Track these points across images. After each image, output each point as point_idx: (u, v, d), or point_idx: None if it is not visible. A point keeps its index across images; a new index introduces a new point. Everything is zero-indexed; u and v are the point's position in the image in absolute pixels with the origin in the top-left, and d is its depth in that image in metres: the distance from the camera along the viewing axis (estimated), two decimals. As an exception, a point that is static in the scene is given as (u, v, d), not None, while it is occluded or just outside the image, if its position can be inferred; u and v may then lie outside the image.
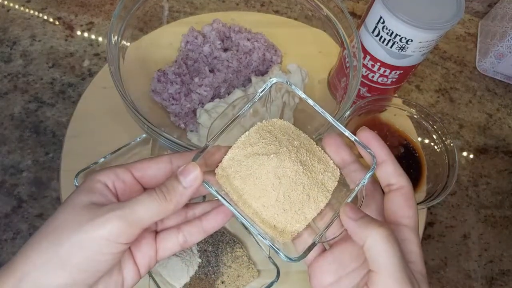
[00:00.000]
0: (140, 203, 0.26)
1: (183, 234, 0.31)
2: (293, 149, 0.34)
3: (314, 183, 0.33)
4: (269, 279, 0.43)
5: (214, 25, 0.60)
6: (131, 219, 0.25)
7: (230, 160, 0.33)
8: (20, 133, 0.58)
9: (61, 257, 0.24)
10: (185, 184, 0.27)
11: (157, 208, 0.26)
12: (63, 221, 0.25)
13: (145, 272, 0.30)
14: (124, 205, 0.25)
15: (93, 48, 0.67)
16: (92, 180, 0.28)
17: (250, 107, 0.34)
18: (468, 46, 0.78)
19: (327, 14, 0.53)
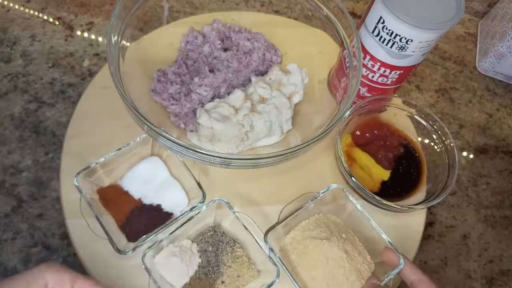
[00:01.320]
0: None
1: None
2: (341, 239, 0.45)
3: (353, 269, 0.43)
4: (269, 279, 0.43)
5: (214, 25, 0.60)
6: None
7: (291, 239, 0.46)
8: (20, 133, 0.58)
9: None
10: None
11: None
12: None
13: None
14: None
15: (93, 48, 0.67)
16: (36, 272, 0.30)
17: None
18: (468, 46, 0.78)
19: (327, 14, 0.53)
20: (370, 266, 0.45)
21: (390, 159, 0.51)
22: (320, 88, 0.60)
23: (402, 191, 0.51)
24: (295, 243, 0.45)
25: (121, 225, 0.47)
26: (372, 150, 0.52)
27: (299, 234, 0.46)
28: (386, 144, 0.53)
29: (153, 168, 0.52)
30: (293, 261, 0.44)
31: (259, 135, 0.53)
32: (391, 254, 0.42)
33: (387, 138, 0.53)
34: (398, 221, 0.53)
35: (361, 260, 0.44)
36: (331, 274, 0.43)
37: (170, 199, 0.50)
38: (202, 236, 0.48)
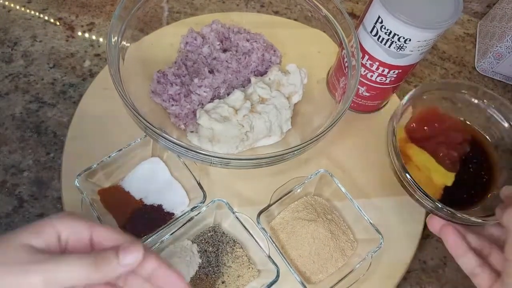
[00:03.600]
0: (65, 262, 0.25)
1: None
2: (326, 220, 0.48)
3: (337, 247, 0.47)
4: (269, 279, 0.44)
5: (213, 26, 0.60)
6: (50, 278, 0.25)
7: (281, 219, 0.49)
8: (21, 133, 0.59)
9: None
10: (122, 261, 0.26)
11: (82, 274, 0.25)
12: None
13: None
14: (49, 260, 0.25)
15: (94, 48, 0.67)
16: (45, 221, 0.28)
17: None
18: (467, 47, 0.78)
19: (326, 14, 0.53)
20: (353, 244, 0.49)
21: (454, 158, 0.42)
22: (319, 88, 0.60)
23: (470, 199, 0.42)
24: (284, 223, 0.49)
25: (122, 226, 0.47)
26: (431, 147, 0.42)
27: (288, 215, 0.50)
28: (449, 140, 0.43)
29: (154, 168, 0.52)
30: (282, 240, 0.48)
31: (259, 135, 0.53)
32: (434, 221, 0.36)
33: (450, 133, 0.44)
34: (397, 220, 0.53)
35: (344, 239, 0.48)
36: (317, 252, 0.47)
37: (171, 200, 0.50)
38: (202, 236, 0.48)
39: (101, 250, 0.27)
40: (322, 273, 0.47)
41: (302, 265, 0.47)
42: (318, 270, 0.47)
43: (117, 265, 0.26)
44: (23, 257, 0.25)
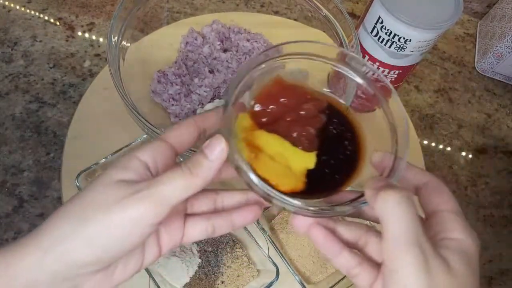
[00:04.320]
0: (166, 181, 0.25)
1: (212, 225, 0.30)
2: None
3: None
4: (268, 279, 0.44)
5: (214, 26, 0.60)
6: (158, 199, 0.25)
7: (280, 219, 0.48)
8: (21, 133, 0.59)
9: (88, 236, 0.24)
10: (211, 157, 0.27)
11: (184, 184, 0.25)
12: (92, 198, 0.25)
13: (166, 253, 0.30)
14: (151, 184, 0.25)
15: (94, 48, 0.67)
16: (129, 156, 0.27)
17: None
18: (467, 47, 0.78)
19: (326, 15, 0.53)
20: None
21: (311, 135, 0.34)
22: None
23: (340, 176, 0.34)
24: (284, 223, 0.49)
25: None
26: (283, 128, 0.34)
27: (288, 215, 0.49)
28: (301, 115, 0.35)
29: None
30: (282, 240, 0.48)
31: (259, 135, 0.53)
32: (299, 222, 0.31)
33: (301, 106, 0.35)
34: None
35: None
36: (317, 252, 0.46)
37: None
38: (202, 236, 0.48)
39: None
40: (321, 273, 0.47)
41: (302, 265, 0.47)
42: (318, 270, 0.47)
43: (210, 163, 0.26)
44: (124, 191, 0.25)
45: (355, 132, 0.35)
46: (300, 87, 0.36)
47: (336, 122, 0.35)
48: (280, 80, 0.35)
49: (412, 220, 0.24)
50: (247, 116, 0.34)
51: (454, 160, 0.66)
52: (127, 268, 0.28)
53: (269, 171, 0.31)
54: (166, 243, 0.29)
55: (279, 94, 0.35)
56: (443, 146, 0.67)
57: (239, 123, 0.32)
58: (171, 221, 0.29)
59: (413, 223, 0.24)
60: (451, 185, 0.64)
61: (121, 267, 0.27)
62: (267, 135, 0.33)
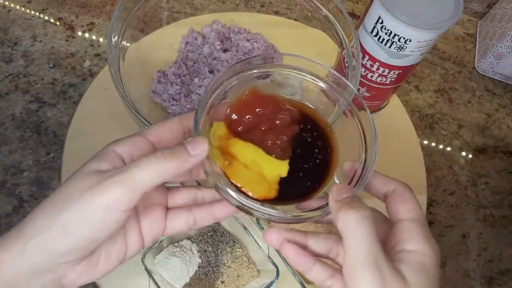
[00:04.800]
0: (138, 165, 0.25)
1: (193, 217, 0.31)
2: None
3: None
4: (268, 279, 0.44)
5: (214, 26, 0.60)
6: (129, 184, 0.25)
7: None
8: (21, 133, 0.59)
9: (63, 224, 0.24)
10: (192, 152, 0.27)
11: (156, 169, 0.25)
12: (68, 188, 0.26)
13: (149, 244, 0.30)
14: (123, 169, 0.25)
15: (94, 48, 0.67)
16: (105, 148, 0.28)
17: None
18: (467, 47, 0.78)
19: (326, 14, 0.53)
20: None
21: (284, 143, 0.35)
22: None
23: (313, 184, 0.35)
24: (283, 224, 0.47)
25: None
26: (257, 137, 0.35)
27: None
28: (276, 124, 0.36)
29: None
30: None
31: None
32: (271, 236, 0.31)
33: (276, 115, 0.37)
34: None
35: None
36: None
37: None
38: (202, 236, 0.48)
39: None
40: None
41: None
42: None
43: (187, 155, 0.27)
44: (96, 178, 0.25)
45: (327, 141, 0.36)
46: (275, 97, 0.37)
47: (310, 131, 0.36)
48: (255, 91, 0.36)
49: (370, 241, 0.25)
50: (223, 124, 0.34)
51: (454, 160, 0.66)
52: (110, 259, 0.28)
53: (242, 178, 0.32)
54: (148, 234, 0.30)
55: (254, 104, 0.36)
56: (443, 146, 0.68)
57: (214, 131, 0.33)
58: (152, 212, 0.30)
59: (371, 244, 0.25)
60: (451, 185, 0.64)
61: (104, 257, 0.27)
62: (241, 143, 0.34)
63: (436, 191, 0.63)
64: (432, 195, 0.63)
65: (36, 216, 0.25)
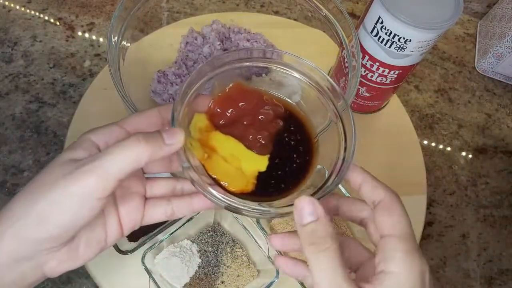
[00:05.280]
0: (111, 152, 0.25)
1: (171, 207, 0.31)
2: None
3: None
4: (268, 279, 0.44)
5: (214, 26, 0.60)
6: (102, 171, 0.25)
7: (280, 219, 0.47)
8: (21, 133, 0.59)
9: (38, 212, 0.24)
10: (167, 141, 0.27)
11: (128, 154, 0.25)
12: (44, 177, 0.26)
13: (128, 232, 0.30)
14: (96, 157, 0.25)
15: (94, 48, 0.67)
16: (81, 137, 0.28)
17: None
18: (467, 47, 0.78)
19: (326, 14, 0.53)
20: None
21: (266, 139, 0.35)
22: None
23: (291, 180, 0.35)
24: (284, 223, 0.48)
25: (121, 225, 0.47)
26: (239, 131, 0.35)
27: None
28: (258, 119, 0.36)
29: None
30: None
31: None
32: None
33: (259, 110, 0.36)
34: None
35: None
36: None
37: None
38: (202, 236, 0.48)
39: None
40: None
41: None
42: None
43: (162, 143, 0.27)
44: (70, 167, 0.25)
45: (309, 138, 0.36)
46: (260, 93, 0.37)
47: (292, 128, 0.36)
48: (240, 85, 0.36)
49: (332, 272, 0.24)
50: (204, 117, 0.34)
51: (454, 160, 0.66)
52: (91, 246, 0.28)
53: (220, 171, 0.32)
54: (127, 222, 0.30)
55: (238, 98, 0.36)
56: (443, 146, 0.68)
57: (194, 123, 0.33)
58: (130, 201, 0.30)
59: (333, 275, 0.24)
60: (451, 185, 0.64)
61: (84, 244, 0.27)
62: (222, 136, 0.34)
63: (436, 191, 0.63)
64: (432, 195, 0.63)
65: (12, 206, 0.25)
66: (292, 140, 0.36)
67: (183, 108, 0.31)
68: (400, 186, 0.57)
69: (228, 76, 0.36)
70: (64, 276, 0.29)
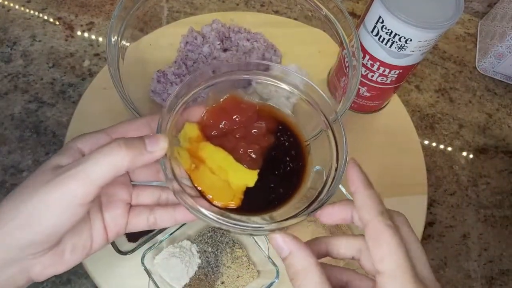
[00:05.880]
0: (91, 158, 0.25)
1: (154, 216, 0.31)
2: None
3: None
4: (268, 279, 0.43)
5: (214, 26, 0.60)
6: (83, 177, 0.25)
7: None
8: (21, 133, 0.58)
9: (23, 218, 0.25)
10: (148, 148, 0.27)
11: (109, 160, 0.25)
12: (28, 183, 0.26)
13: (113, 238, 0.30)
14: (77, 163, 0.25)
15: (93, 48, 0.67)
16: (67, 144, 0.28)
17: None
18: (467, 46, 0.78)
19: (326, 14, 0.53)
20: None
21: (257, 152, 0.34)
22: (320, 88, 0.60)
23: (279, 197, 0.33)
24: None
25: (121, 225, 0.47)
26: (230, 143, 0.34)
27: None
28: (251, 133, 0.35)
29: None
30: None
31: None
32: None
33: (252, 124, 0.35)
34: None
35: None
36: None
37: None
38: (201, 236, 0.48)
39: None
40: None
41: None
42: None
43: (144, 150, 0.26)
44: (53, 173, 0.25)
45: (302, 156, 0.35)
46: (254, 105, 0.36)
47: (285, 144, 0.35)
48: (235, 97, 0.35)
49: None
50: (195, 126, 0.33)
51: (455, 160, 0.66)
52: (77, 251, 0.28)
53: (206, 183, 0.31)
54: (112, 228, 0.30)
55: (232, 109, 0.35)
56: (444, 146, 0.67)
57: (185, 132, 0.32)
58: (114, 208, 0.30)
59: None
60: (452, 185, 0.64)
61: (70, 249, 0.28)
62: (211, 147, 0.33)
63: (437, 191, 0.63)
64: (432, 196, 0.62)
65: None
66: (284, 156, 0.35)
67: (172, 117, 0.30)
68: (401, 186, 0.57)
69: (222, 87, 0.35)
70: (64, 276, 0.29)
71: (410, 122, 0.61)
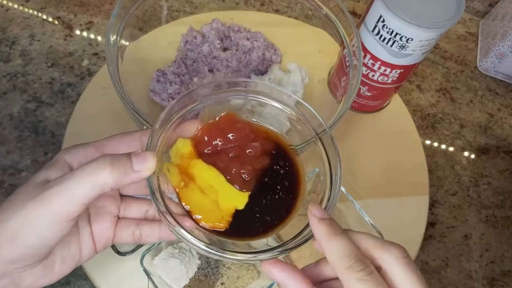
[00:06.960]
0: (74, 176, 0.25)
1: (139, 232, 0.31)
2: None
3: None
4: (268, 280, 0.43)
5: (213, 25, 0.60)
6: (67, 195, 0.24)
7: None
8: (19, 133, 0.58)
9: (9, 232, 0.24)
10: (135, 167, 0.26)
11: (92, 180, 0.25)
12: (16, 197, 0.26)
13: (101, 249, 0.31)
14: (61, 179, 0.25)
15: (92, 47, 0.67)
16: (56, 157, 0.28)
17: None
18: (469, 46, 0.78)
19: (327, 13, 0.52)
20: None
21: (250, 174, 0.32)
22: (320, 87, 0.60)
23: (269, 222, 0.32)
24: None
25: (120, 226, 0.47)
26: (223, 163, 0.32)
27: None
28: (245, 153, 0.33)
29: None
30: None
31: (259, 135, 0.53)
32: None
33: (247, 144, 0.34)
34: (399, 221, 0.52)
35: None
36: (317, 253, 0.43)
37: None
38: (201, 236, 0.48)
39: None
40: None
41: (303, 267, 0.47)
42: None
43: (130, 170, 0.26)
44: (40, 188, 0.25)
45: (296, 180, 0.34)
46: (251, 125, 0.34)
47: (279, 166, 0.34)
48: (232, 115, 0.34)
49: None
50: (188, 143, 0.32)
51: (456, 160, 0.66)
52: (66, 262, 0.28)
53: (194, 202, 0.30)
54: (99, 240, 0.30)
55: (227, 128, 0.34)
56: (445, 146, 0.67)
57: (177, 148, 0.31)
58: (102, 220, 0.30)
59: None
60: (453, 185, 0.63)
61: (60, 261, 0.28)
62: (203, 165, 0.31)
63: (438, 191, 0.63)
64: (434, 196, 0.62)
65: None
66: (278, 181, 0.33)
67: (164, 133, 0.30)
68: (402, 186, 0.57)
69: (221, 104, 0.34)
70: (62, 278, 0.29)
71: (411, 122, 0.61)
